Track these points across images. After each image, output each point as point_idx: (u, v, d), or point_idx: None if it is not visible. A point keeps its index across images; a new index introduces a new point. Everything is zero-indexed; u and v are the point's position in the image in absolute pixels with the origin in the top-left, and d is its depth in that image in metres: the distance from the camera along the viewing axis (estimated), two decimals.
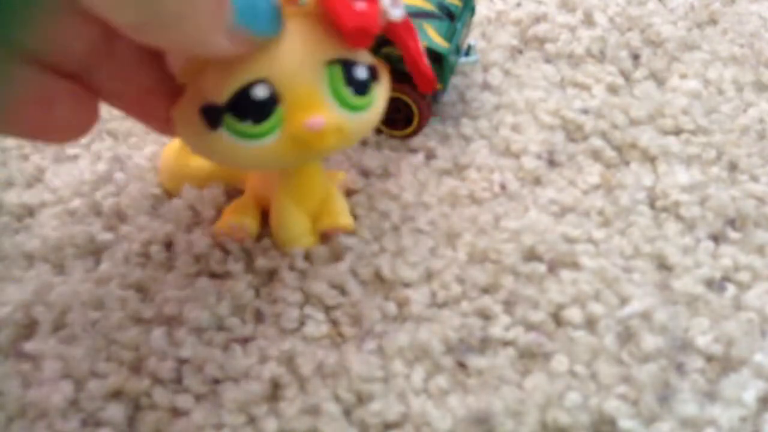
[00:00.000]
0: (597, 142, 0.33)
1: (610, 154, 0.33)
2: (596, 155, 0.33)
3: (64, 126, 0.22)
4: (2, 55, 0.20)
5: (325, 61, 0.24)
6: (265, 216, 0.29)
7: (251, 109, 0.23)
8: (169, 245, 0.29)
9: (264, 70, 0.23)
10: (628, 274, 0.28)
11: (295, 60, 0.24)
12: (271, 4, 0.23)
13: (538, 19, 0.39)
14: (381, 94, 0.26)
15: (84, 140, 0.33)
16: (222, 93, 0.23)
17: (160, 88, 0.24)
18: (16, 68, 0.20)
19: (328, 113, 0.24)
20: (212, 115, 0.23)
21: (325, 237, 0.29)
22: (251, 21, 0.22)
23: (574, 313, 0.27)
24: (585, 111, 0.34)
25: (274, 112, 0.23)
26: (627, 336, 0.27)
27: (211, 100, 0.23)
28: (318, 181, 0.28)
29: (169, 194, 0.31)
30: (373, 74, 0.25)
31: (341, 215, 0.29)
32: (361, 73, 0.25)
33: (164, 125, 0.25)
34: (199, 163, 0.31)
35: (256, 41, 0.23)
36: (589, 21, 0.40)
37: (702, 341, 0.26)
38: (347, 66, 0.24)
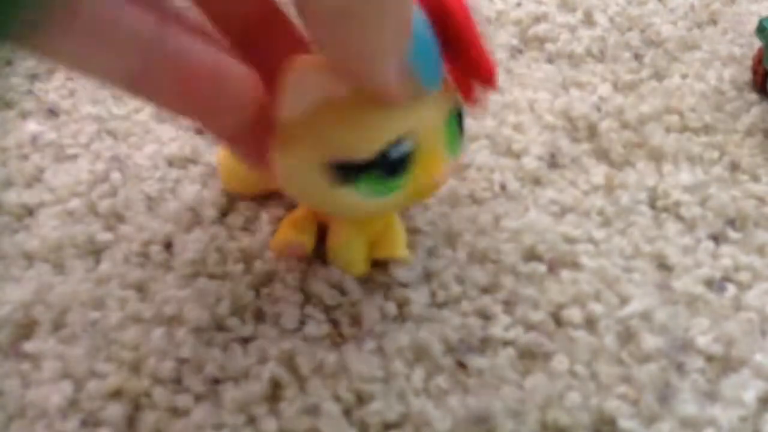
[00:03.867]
0: (599, 142, 0.33)
1: (612, 154, 0.33)
2: (598, 155, 0.33)
3: (234, 105, 0.21)
4: None
5: (449, 112, 0.23)
6: (320, 231, 0.28)
7: (398, 164, 0.22)
8: (168, 245, 0.29)
9: (411, 125, 0.22)
10: (628, 274, 0.28)
11: (437, 113, 0.23)
12: (440, 60, 0.22)
13: (538, 19, 0.39)
14: None
15: (83, 140, 0.33)
16: (363, 149, 0.22)
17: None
18: None
19: (444, 164, 0.23)
20: (347, 172, 0.22)
21: (375, 263, 0.28)
22: (424, 66, 0.21)
23: (574, 313, 0.27)
24: (587, 111, 0.34)
25: (412, 165, 0.23)
26: (627, 336, 0.27)
27: (345, 156, 0.22)
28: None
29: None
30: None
31: (398, 247, 0.28)
32: (464, 119, 0.24)
33: (256, 156, 0.24)
34: None
35: (412, 93, 0.22)
36: (589, 21, 0.40)
37: (702, 341, 0.26)
38: (459, 115, 0.24)
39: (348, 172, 0.22)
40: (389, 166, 0.22)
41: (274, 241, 0.28)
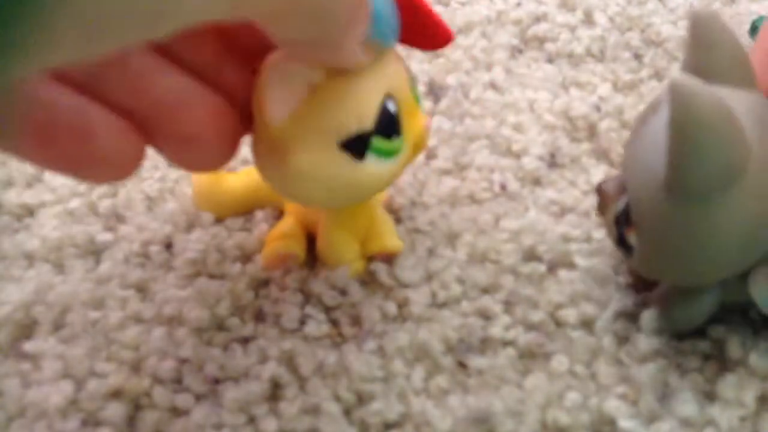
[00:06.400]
0: (599, 142, 0.33)
1: (612, 153, 0.33)
2: (598, 155, 0.33)
3: (108, 161, 0.21)
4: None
5: (406, 67, 0.25)
6: (310, 239, 0.28)
7: (393, 123, 0.23)
8: (168, 245, 0.29)
9: (386, 85, 0.23)
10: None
11: (401, 69, 0.24)
12: (396, 15, 0.22)
13: (538, 19, 0.39)
14: None
15: None
16: (364, 118, 0.23)
17: (189, 95, 0.22)
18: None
19: (421, 112, 0.25)
20: (359, 144, 0.23)
21: (371, 260, 0.28)
22: (384, 29, 0.22)
23: (573, 313, 0.27)
24: (586, 111, 0.34)
25: (402, 119, 0.24)
26: (626, 336, 0.27)
27: (350, 131, 0.22)
28: (363, 203, 0.27)
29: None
30: None
31: (389, 238, 0.28)
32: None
33: (187, 144, 0.23)
34: (234, 182, 0.29)
35: (377, 53, 0.22)
36: (589, 21, 0.40)
37: (701, 341, 0.26)
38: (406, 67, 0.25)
39: (359, 144, 0.23)
40: (387, 125, 0.23)
41: (264, 255, 0.28)
